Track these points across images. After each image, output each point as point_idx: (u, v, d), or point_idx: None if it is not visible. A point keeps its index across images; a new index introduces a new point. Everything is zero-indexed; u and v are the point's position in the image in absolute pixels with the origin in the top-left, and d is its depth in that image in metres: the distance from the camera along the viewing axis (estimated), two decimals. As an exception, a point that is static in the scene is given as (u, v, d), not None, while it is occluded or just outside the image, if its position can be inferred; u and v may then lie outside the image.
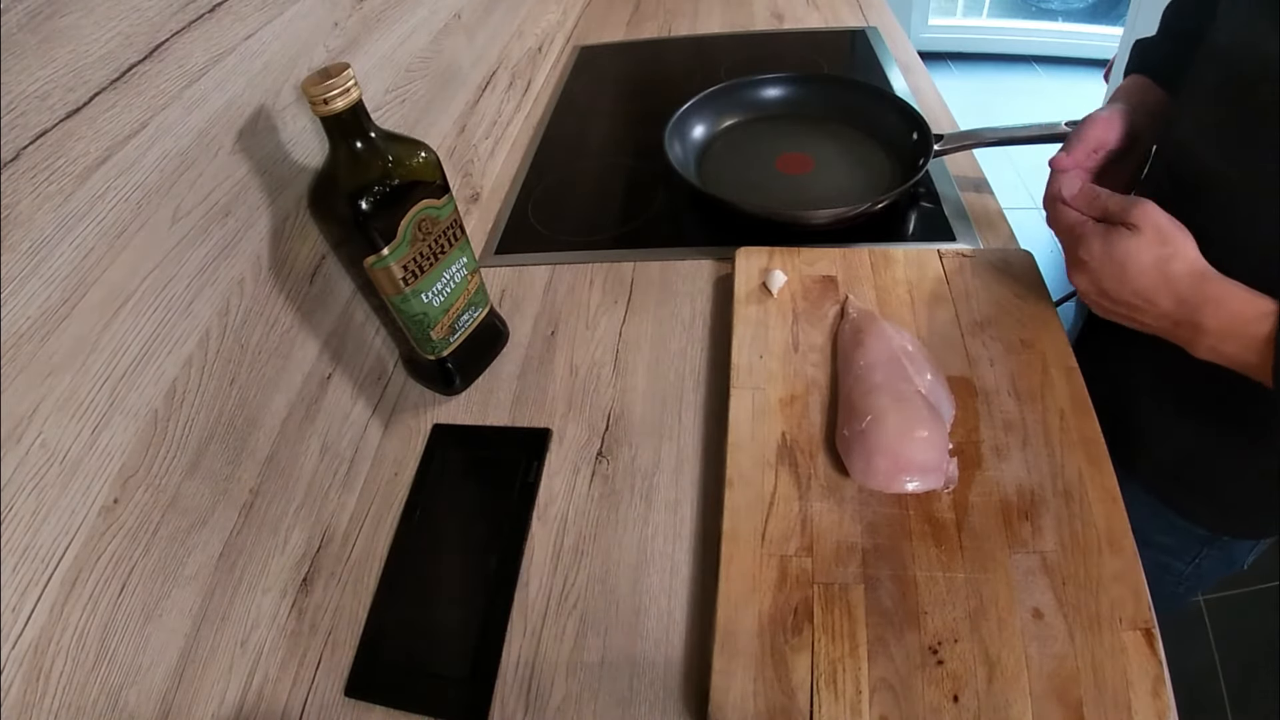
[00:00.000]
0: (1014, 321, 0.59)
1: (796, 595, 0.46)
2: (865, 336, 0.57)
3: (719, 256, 0.73)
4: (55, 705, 0.34)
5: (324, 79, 0.44)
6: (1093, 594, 0.44)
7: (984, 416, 0.53)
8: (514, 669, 0.47)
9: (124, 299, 0.38)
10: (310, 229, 0.53)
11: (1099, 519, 0.47)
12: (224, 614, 0.45)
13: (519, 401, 0.63)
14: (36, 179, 0.33)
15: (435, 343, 0.58)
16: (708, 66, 1.08)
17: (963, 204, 0.76)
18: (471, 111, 0.83)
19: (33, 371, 0.33)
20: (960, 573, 0.46)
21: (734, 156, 0.87)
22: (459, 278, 0.58)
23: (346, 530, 0.56)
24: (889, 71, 1.02)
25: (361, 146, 0.48)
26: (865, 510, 0.49)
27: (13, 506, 0.32)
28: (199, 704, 0.43)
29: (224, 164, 0.45)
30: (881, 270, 0.65)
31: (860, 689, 0.42)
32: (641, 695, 0.45)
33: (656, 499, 0.55)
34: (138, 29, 0.38)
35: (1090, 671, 0.41)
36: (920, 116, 0.80)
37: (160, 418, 0.40)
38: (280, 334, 0.51)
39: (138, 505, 0.39)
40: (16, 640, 0.32)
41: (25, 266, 0.32)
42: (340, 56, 0.57)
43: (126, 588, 0.38)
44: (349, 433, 0.59)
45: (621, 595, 0.50)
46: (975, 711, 0.40)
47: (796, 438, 0.54)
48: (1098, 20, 2.89)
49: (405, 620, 0.51)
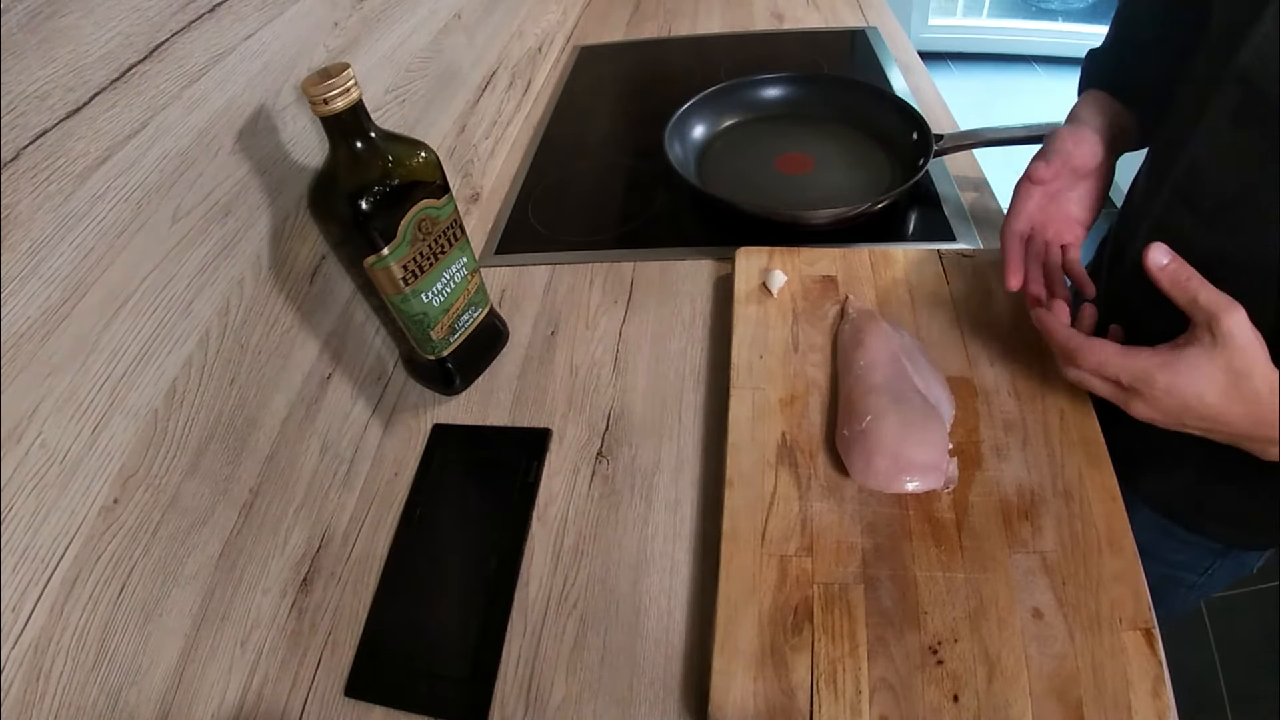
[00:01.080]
0: (1014, 321, 0.59)
1: (796, 595, 0.46)
2: (865, 336, 0.57)
3: (719, 256, 0.73)
4: (55, 705, 0.34)
5: (324, 79, 0.44)
6: (1093, 594, 0.44)
7: (984, 416, 0.53)
8: (514, 669, 0.47)
9: (124, 299, 0.38)
10: (310, 229, 0.53)
11: (1099, 519, 0.47)
12: (224, 614, 0.45)
13: (519, 401, 0.63)
14: (36, 179, 0.33)
15: (435, 343, 0.58)
16: (708, 66, 1.08)
17: (963, 204, 0.76)
18: (471, 111, 0.83)
19: (33, 371, 0.33)
20: (960, 573, 0.46)
21: (734, 156, 0.87)
22: (459, 278, 0.58)
23: (346, 530, 0.56)
24: (889, 71, 1.02)
25: (361, 146, 0.48)
26: (865, 510, 0.49)
27: (13, 506, 0.32)
28: (199, 704, 0.43)
29: (224, 164, 0.45)
30: (881, 270, 0.65)
31: (860, 689, 0.42)
32: (641, 695, 0.45)
33: (656, 499, 0.55)
34: (138, 29, 0.38)
35: (1090, 671, 0.41)
36: (920, 116, 0.80)
37: (160, 418, 0.40)
38: (280, 334, 0.51)
39: (138, 505, 0.39)
40: (16, 640, 0.32)
41: (25, 266, 0.32)
42: (340, 56, 0.57)
43: (126, 588, 0.38)
44: (349, 433, 0.59)
45: (621, 595, 0.50)
46: (975, 711, 0.40)
47: (796, 438, 0.54)
48: (1098, 20, 2.89)
49: (405, 620, 0.51)
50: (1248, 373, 0.40)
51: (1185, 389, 0.41)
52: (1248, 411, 0.41)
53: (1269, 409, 0.40)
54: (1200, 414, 0.42)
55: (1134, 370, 0.43)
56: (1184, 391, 0.41)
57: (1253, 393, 0.40)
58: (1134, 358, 0.43)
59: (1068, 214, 0.57)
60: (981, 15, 3.06)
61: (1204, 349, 0.41)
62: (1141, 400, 0.43)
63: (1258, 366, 0.40)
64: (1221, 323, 0.40)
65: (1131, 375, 0.43)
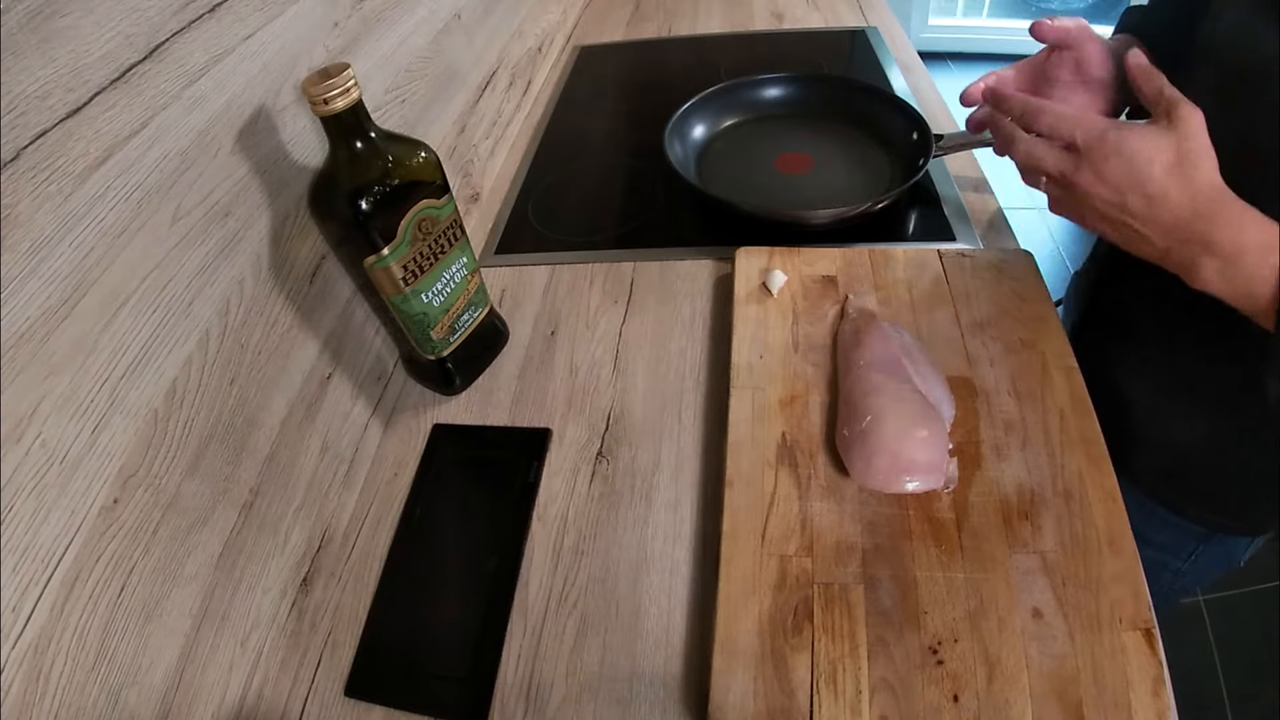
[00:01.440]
0: (1014, 321, 0.59)
1: (796, 595, 0.46)
2: (865, 336, 0.57)
3: (719, 256, 0.73)
4: (55, 705, 0.34)
5: (324, 79, 0.44)
6: (1093, 594, 0.44)
7: (984, 416, 0.53)
8: (514, 669, 0.47)
9: (124, 299, 0.38)
10: (310, 229, 0.53)
11: (1099, 519, 0.47)
12: (224, 614, 0.45)
13: (519, 401, 0.63)
14: (36, 179, 0.33)
15: (435, 343, 0.58)
16: (708, 66, 1.08)
17: (963, 204, 0.76)
18: (471, 111, 0.83)
19: (33, 371, 0.33)
20: (960, 573, 0.46)
21: (734, 156, 0.87)
22: (459, 278, 0.58)
23: (346, 530, 0.56)
24: (889, 71, 1.02)
25: (361, 146, 0.48)
26: (865, 510, 0.49)
27: (13, 506, 0.32)
28: (199, 704, 0.43)
29: (224, 164, 0.45)
30: (881, 270, 0.65)
31: (860, 689, 0.42)
32: (641, 695, 0.45)
33: (656, 499, 0.55)
34: (138, 29, 0.38)
35: (1090, 671, 0.41)
36: (920, 116, 0.80)
37: (160, 418, 0.40)
38: (280, 334, 0.51)
39: (138, 505, 0.39)
40: (16, 640, 0.32)
41: (25, 266, 0.32)
42: (340, 56, 0.57)
43: (126, 588, 0.38)
44: (349, 433, 0.59)
45: (621, 595, 0.50)
46: (975, 711, 0.40)
47: (796, 438, 0.54)
48: (1098, 20, 2.85)
49: (405, 620, 0.51)
50: (1195, 161, 0.41)
51: (1136, 152, 0.42)
52: (1189, 194, 0.41)
53: (1207, 201, 0.41)
54: (1144, 189, 0.42)
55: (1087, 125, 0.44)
56: (1134, 154, 0.42)
57: (1197, 180, 0.41)
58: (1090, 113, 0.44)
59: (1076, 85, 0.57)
60: (981, 15, 3.06)
61: (1159, 127, 0.42)
62: (1089, 165, 0.43)
63: (1205, 159, 0.41)
64: (1179, 108, 0.42)
65: (1084, 131, 0.43)
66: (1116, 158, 0.42)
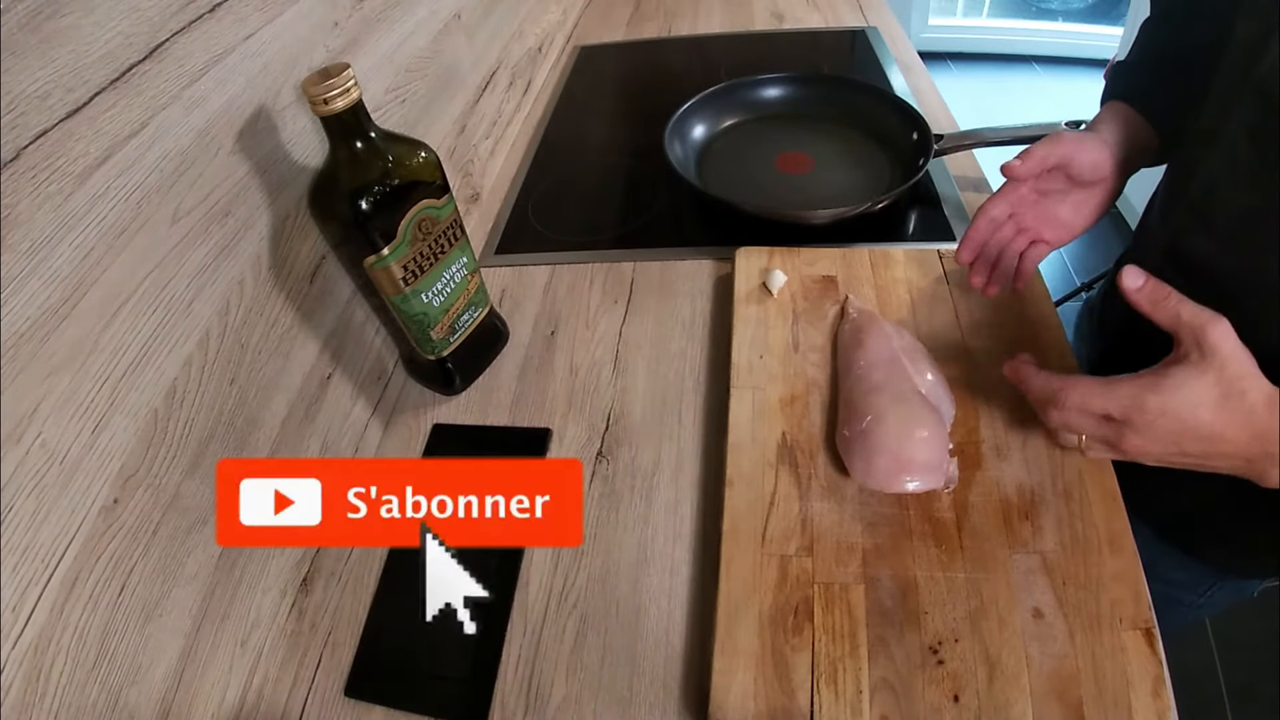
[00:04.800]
0: (1014, 321, 0.59)
1: (797, 595, 0.46)
2: (865, 336, 0.57)
3: (719, 256, 0.73)
4: (55, 705, 0.34)
5: (324, 79, 0.44)
6: (1093, 594, 0.44)
7: (984, 416, 0.53)
8: (514, 669, 0.47)
9: (124, 299, 0.38)
10: (310, 229, 0.53)
11: (1099, 519, 0.47)
12: (224, 614, 0.45)
13: (519, 401, 0.63)
14: (36, 179, 0.33)
15: (435, 343, 0.58)
16: (708, 66, 1.08)
17: (963, 204, 0.76)
18: (471, 111, 0.83)
19: (33, 371, 0.33)
20: (960, 573, 0.46)
21: (734, 156, 0.87)
22: (459, 278, 0.58)
23: (346, 530, 0.56)
24: (889, 71, 1.02)
25: (361, 146, 0.48)
26: (865, 510, 0.49)
27: (13, 506, 0.32)
28: (199, 704, 0.43)
29: (224, 164, 0.45)
30: (881, 270, 0.65)
31: (861, 689, 0.42)
32: (641, 695, 0.45)
33: (656, 499, 0.55)
34: (138, 29, 0.38)
35: (1090, 671, 0.41)
36: (920, 116, 0.80)
37: (160, 417, 0.40)
38: (280, 334, 0.51)
39: (138, 505, 0.39)
40: (16, 640, 0.32)
41: (25, 266, 0.32)
42: (340, 56, 0.57)
43: (126, 588, 0.38)
44: (349, 433, 0.59)
45: (621, 595, 0.50)
46: (975, 711, 0.40)
47: (796, 438, 0.54)
48: (1098, 20, 2.89)
49: (405, 620, 0.51)
50: (1240, 385, 0.38)
51: (1179, 407, 0.39)
52: (1245, 425, 0.39)
53: (1266, 422, 0.38)
54: (1197, 434, 0.40)
55: (1122, 398, 0.41)
56: (1179, 410, 0.39)
57: (1248, 406, 0.38)
58: (1119, 385, 0.41)
59: (1056, 214, 0.56)
60: (981, 15, 3.06)
61: (1192, 364, 0.39)
62: (1134, 431, 0.41)
63: (1249, 379, 0.39)
64: (1208, 335, 0.39)
65: (1120, 404, 0.41)
66: (1163, 419, 0.40)
